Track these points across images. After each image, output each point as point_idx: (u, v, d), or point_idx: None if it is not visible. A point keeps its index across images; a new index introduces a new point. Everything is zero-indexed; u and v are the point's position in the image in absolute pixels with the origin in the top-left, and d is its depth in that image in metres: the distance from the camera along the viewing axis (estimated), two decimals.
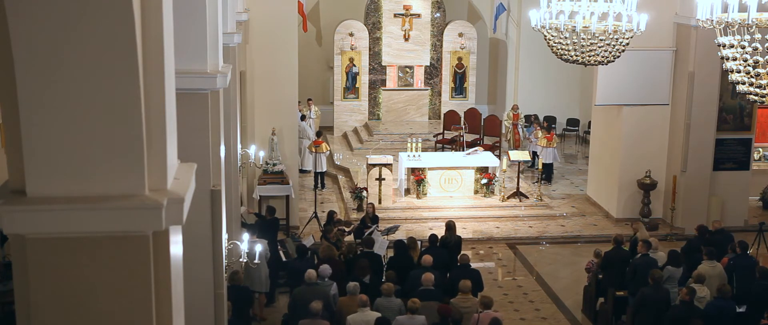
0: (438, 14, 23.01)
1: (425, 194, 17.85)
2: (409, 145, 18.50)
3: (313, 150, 18.33)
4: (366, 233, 13.60)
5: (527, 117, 21.65)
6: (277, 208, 14.55)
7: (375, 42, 22.78)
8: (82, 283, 3.65)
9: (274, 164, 16.22)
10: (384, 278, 11.63)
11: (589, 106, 19.49)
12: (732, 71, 8.07)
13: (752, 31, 7.70)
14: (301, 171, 18.79)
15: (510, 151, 18.96)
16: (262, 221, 13.85)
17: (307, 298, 10.13)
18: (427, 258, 11.69)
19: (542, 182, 19.36)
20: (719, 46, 8.09)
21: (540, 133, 19.97)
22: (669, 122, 17.04)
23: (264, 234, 12.97)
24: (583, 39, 11.04)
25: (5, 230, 3.54)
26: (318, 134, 18.88)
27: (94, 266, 3.64)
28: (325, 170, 18.95)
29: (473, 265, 12.62)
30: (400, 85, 23.11)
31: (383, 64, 22.92)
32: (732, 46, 7.92)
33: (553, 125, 22.00)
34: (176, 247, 4.00)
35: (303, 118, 19.80)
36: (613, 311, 12.26)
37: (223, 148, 8.18)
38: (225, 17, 9.82)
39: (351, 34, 22.40)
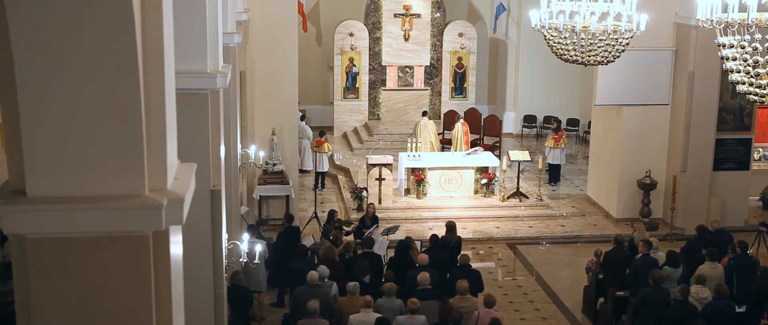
0: (438, 14, 22.99)
1: (425, 194, 17.85)
2: (409, 145, 18.50)
3: (316, 149, 18.36)
4: (366, 233, 13.60)
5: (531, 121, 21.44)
6: (276, 208, 14.51)
7: (375, 42, 22.76)
8: (82, 283, 3.65)
9: (274, 164, 16.22)
10: (384, 278, 11.64)
11: (589, 106, 19.47)
12: (732, 71, 8.07)
13: (752, 31, 7.70)
14: (301, 171, 18.79)
15: (510, 151, 18.93)
16: (283, 231, 13.51)
17: (308, 299, 10.13)
18: (423, 257, 11.69)
19: (551, 184, 19.34)
20: (719, 46, 8.09)
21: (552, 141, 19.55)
22: (669, 122, 17.04)
23: (287, 243, 12.85)
24: (583, 39, 11.04)
25: (5, 230, 3.54)
26: (321, 134, 18.90)
27: (94, 266, 3.64)
28: (326, 169, 18.96)
29: (473, 265, 12.61)
30: (400, 85, 23.08)
31: (383, 64, 22.90)
32: (732, 46, 7.93)
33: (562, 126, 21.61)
34: (176, 247, 4.00)
35: (303, 118, 19.78)
36: (613, 311, 12.25)
37: (223, 148, 8.18)
38: (225, 17, 9.83)
39: (351, 34, 22.38)
